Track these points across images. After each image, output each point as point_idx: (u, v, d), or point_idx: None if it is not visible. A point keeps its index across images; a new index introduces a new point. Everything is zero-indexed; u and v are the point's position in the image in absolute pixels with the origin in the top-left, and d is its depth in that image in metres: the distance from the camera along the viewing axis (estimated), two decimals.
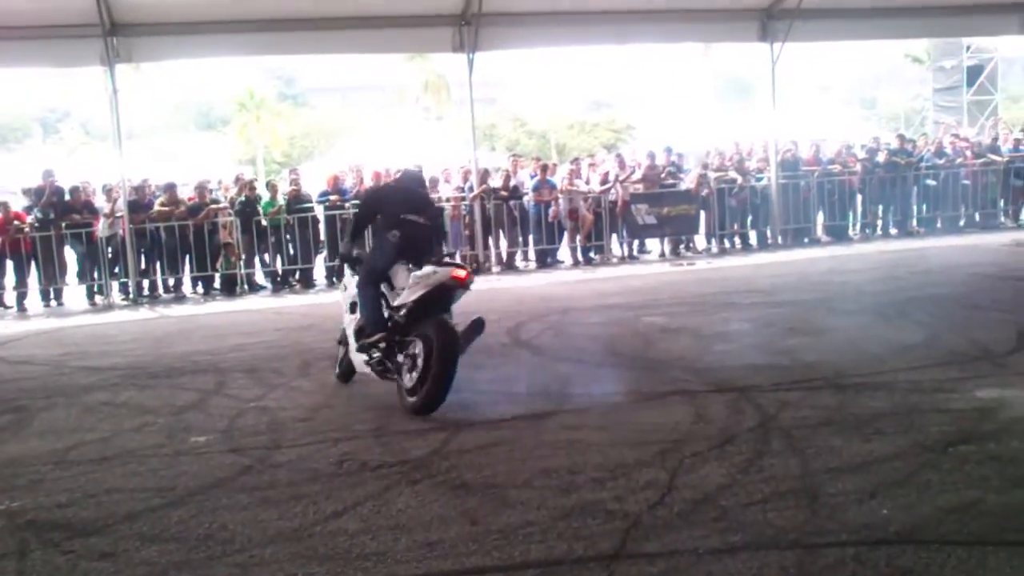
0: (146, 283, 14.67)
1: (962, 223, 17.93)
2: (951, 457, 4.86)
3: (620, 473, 4.85)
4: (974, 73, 28.85)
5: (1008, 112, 29.01)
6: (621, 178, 16.31)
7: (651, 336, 8.86)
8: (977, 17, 17.94)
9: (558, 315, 10.44)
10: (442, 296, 6.47)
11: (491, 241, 15.82)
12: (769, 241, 16.87)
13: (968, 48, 28.05)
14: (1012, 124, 22.07)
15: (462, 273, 6.49)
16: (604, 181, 16.31)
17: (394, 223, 6.82)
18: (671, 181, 16.68)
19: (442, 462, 5.23)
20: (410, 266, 6.65)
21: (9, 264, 14.17)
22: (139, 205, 14.56)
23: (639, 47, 26.15)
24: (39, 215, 14.17)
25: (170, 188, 14.94)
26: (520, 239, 16.05)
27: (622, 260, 16.20)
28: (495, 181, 16.07)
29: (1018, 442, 5.03)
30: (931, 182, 17.59)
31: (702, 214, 16.69)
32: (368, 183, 15.02)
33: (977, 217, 18.08)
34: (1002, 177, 17.95)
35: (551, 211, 15.81)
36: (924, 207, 17.80)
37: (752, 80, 38.46)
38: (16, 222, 14.15)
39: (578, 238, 16.13)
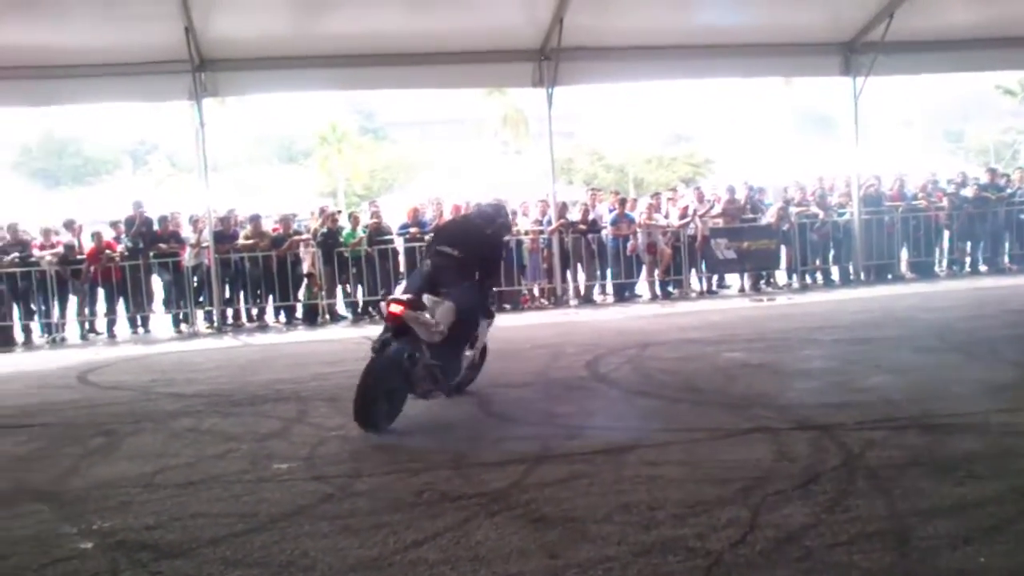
0: (230, 312, 15.02)
1: None
2: None
3: (701, 510, 4.78)
4: None
5: None
6: (700, 212, 16.24)
7: (731, 372, 8.75)
8: None
9: (636, 349, 10.37)
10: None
11: (569, 274, 15.85)
12: (851, 277, 16.59)
13: None
14: None
15: (395, 309, 6.99)
16: (683, 215, 16.24)
17: (429, 254, 7.65)
18: (751, 215, 16.53)
19: (521, 495, 5.22)
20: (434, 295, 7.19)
21: (100, 292, 14.67)
22: (224, 236, 14.93)
23: (719, 81, 26.04)
24: (129, 244, 14.63)
25: (255, 220, 15.32)
26: (598, 272, 16.06)
27: (701, 295, 16.08)
28: (573, 214, 16.13)
29: None
30: None
31: (783, 249, 16.49)
32: (448, 216, 15.19)
33: None
34: None
35: (629, 245, 15.79)
36: (1017, 243, 17.28)
37: (833, 113, 38.03)
38: (107, 251, 14.63)
39: (656, 272, 16.07)
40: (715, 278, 16.59)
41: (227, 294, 14.99)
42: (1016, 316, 11.43)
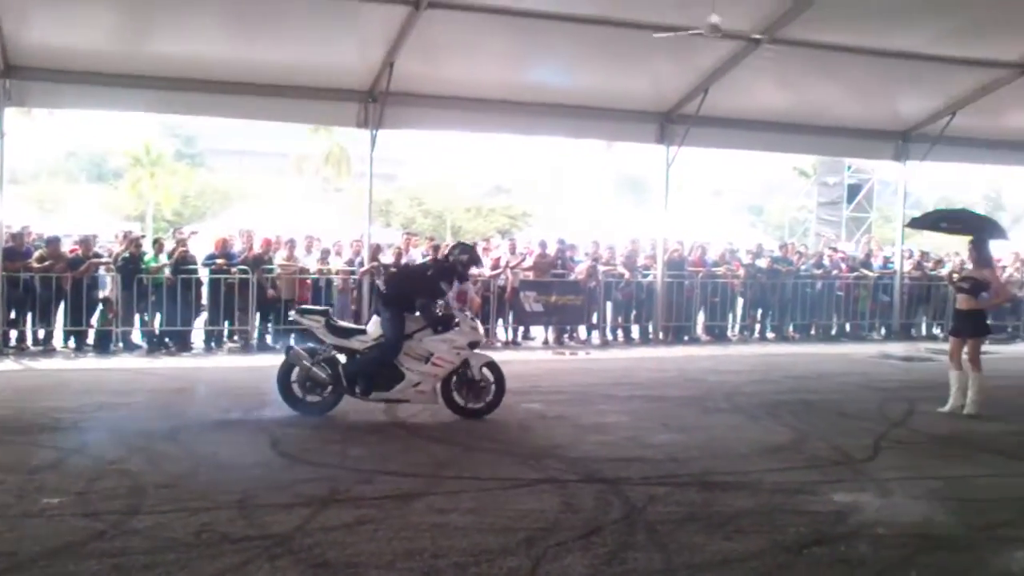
0: (14, 334, 14.09)
1: (834, 332, 18.66)
2: (805, 558, 5.02)
3: (484, 559, 4.84)
4: (854, 191, 30.43)
5: (881, 230, 30.50)
6: (512, 264, 16.51)
7: (529, 423, 8.92)
8: (858, 141, 18.90)
9: None
10: None
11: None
12: (651, 336, 17.21)
13: (849, 168, 29.57)
14: (883, 242, 23.21)
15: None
16: (495, 266, 16.47)
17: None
18: (560, 271, 16.95)
19: (305, 538, 5.13)
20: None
21: None
22: (15, 252, 14.05)
23: (543, 139, 26.71)
24: None
25: (52, 242, 14.47)
26: None
27: (506, 345, 16.27)
28: (386, 257, 16.08)
29: (865, 546, 5.22)
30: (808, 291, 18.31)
31: (588, 305, 16.94)
32: (257, 249, 14.90)
33: (848, 327, 18.83)
34: (871, 291, 18.84)
35: None
36: (800, 314, 18.44)
37: (648, 179, 39.67)
38: None
39: None
40: (521, 329, 16.86)
41: (12, 314, 14.07)
42: (796, 382, 12.12)
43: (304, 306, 10.74)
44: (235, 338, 14.88)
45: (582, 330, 17.25)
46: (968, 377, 9.80)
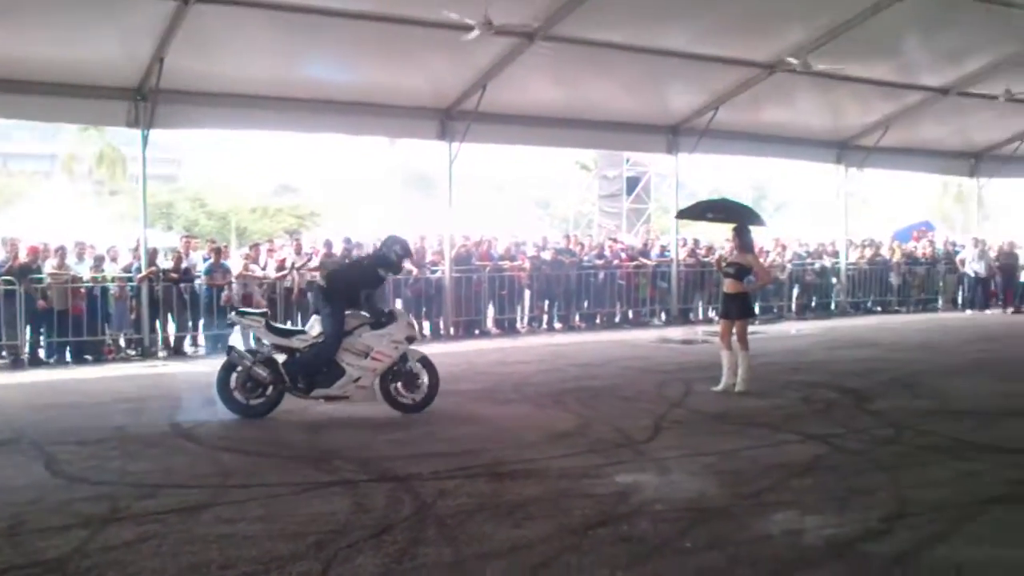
0: None
1: (617, 319, 19.42)
2: (591, 539, 5.22)
3: (274, 566, 4.78)
4: (633, 183, 31.67)
5: (660, 221, 31.91)
6: (298, 265, 16.24)
7: (319, 425, 8.82)
8: (632, 135, 19.78)
9: None
10: None
11: (159, 324, 15.09)
12: (441, 332, 17.36)
13: (628, 161, 30.77)
14: (661, 232, 24.36)
15: None
16: (281, 267, 16.16)
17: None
18: None
19: (83, 561, 4.91)
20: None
21: None
22: None
23: (326, 136, 26.36)
24: None
25: None
26: (190, 323, 15.48)
27: None
28: (165, 262, 15.46)
29: (646, 523, 5.49)
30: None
31: None
32: (23, 258, 14.00)
33: (630, 314, 19.65)
34: (650, 279, 19.75)
35: (224, 295, 15.38)
36: (586, 303, 19.07)
37: (434, 175, 39.87)
38: None
39: None
40: None
41: None
42: (581, 370, 12.55)
43: (243, 308, 11.53)
44: (3, 354, 13.92)
45: None
46: (737, 356, 10.45)
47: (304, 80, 15.30)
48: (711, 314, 19.91)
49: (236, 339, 11.41)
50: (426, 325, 17.49)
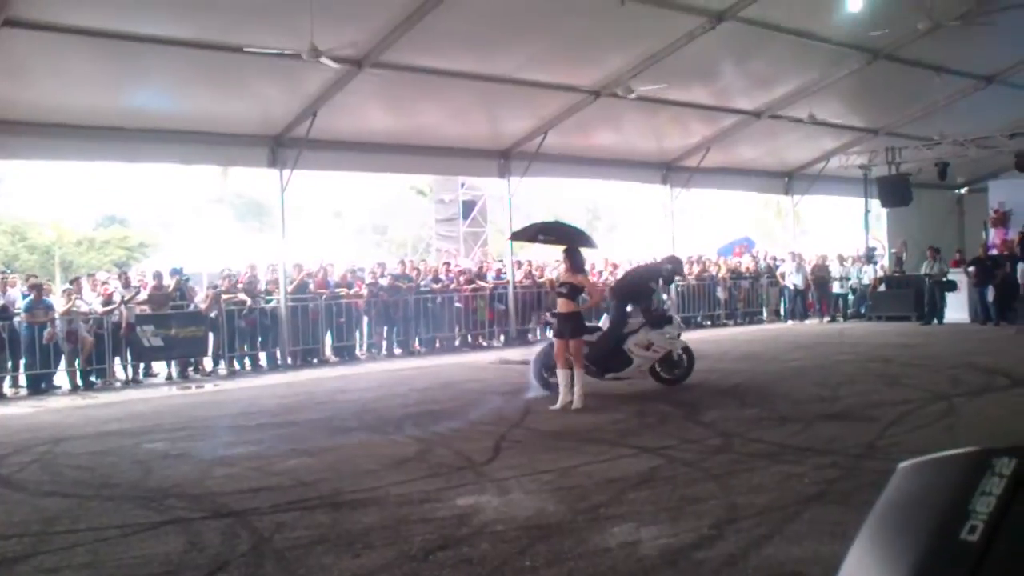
0: None
1: (457, 343, 19.53)
2: (431, 564, 5.21)
3: None
4: (468, 207, 31.89)
5: (496, 243, 32.25)
6: (126, 298, 15.64)
7: (150, 463, 8.49)
8: (465, 160, 20.07)
9: (48, 445, 9.62)
10: None
11: None
12: (279, 362, 17.04)
13: (463, 185, 30.99)
14: (498, 255, 24.66)
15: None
16: (107, 301, 15.52)
17: None
18: (180, 302, 16.31)
19: None
20: None
21: None
22: None
23: (153, 166, 25.42)
24: None
25: None
26: (9, 363, 14.66)
27: (126, 384, 15.41)
28: None
29: (487, 544, 5.53)
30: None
31: (211, 336, 16.45)
32: None
33: (469, 337, 19.78)
34: (488, 301, 19.96)
35: (46, 333, 14.65)
36: (424, 328, 19.08)
37: (268, 203, 39.10)
38: None
39: (77, 362, 15.09)
40: (142, 366, 16.01)
41: None
42: (421, 394, 12.55)
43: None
44: None
45: (208, 361, 16.71)
46: (573, 374, 10.68)
47: (128, 109, 14.85)
48: (548, 334, 20.21)
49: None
50: (262, 356, 17.15)
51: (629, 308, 11.82)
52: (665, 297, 23.46)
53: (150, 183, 44.73)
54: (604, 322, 12.02)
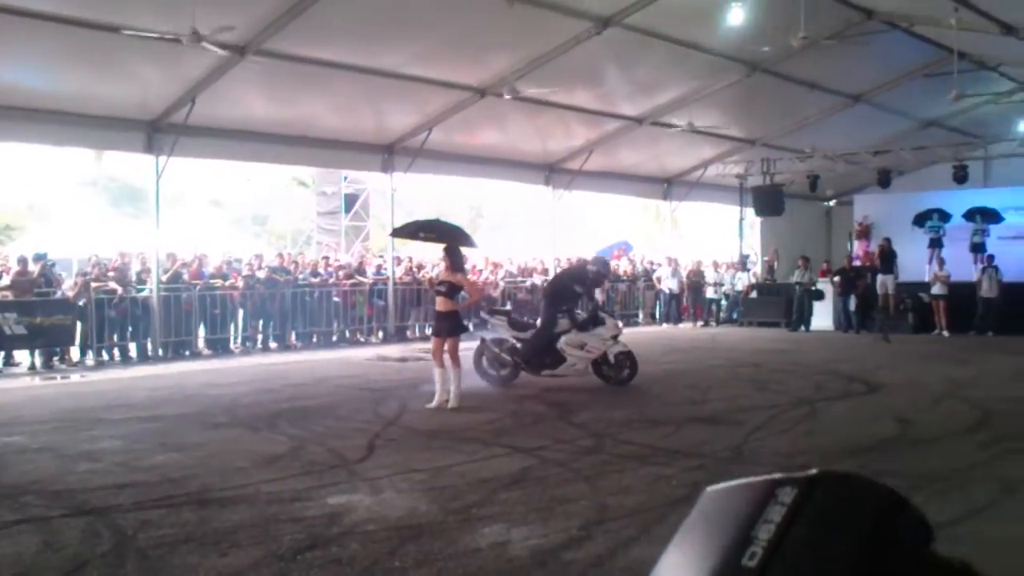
0: None
1: (335, 338, 19.34)
2: (300, 564, 5.16)
3: None
4: (351, 200, 31.57)
5: (378, 238, 32.03)
6: None
7: (7, 458, 8.15)
8: (348, 153, 19.83)
9: None
10: None
11: None
12: (149, 354, 16.56)
13: (345, 178, 30.65)
14: (379, 250, 24.52)
15: None
16: None
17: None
18: (46, 289, 15.69)
19: None
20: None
21: None
22: None
23: (22, 146, 24.28)
24: None
25: None
26: None
27: None
28: None
29: (357, 544, 5.50)
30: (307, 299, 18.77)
31: (79, 325, 15.88)
32: None
33: (347, 333, 19.61)
34: (367, 297, 19.83)
35: None
36: (302, 322, 18.83)
37: (146, 189, 37.90)
38: None
39: None
40: (2, 355, 15.33)
41: None
42: (295, 390, 12.37)
43: (493, 307, 15.51)
44: None
45: (74, 351, 16.12)
46: (450, 373, 10.70)
47: None
48: (427, 331, 20.22)
49: (485, 332, 13.16)
50: (132, 347, 16.64)
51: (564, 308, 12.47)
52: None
53: (17, 163, 42.84)
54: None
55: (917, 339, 19.95)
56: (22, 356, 15.68)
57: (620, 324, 13.02)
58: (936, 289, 21.12)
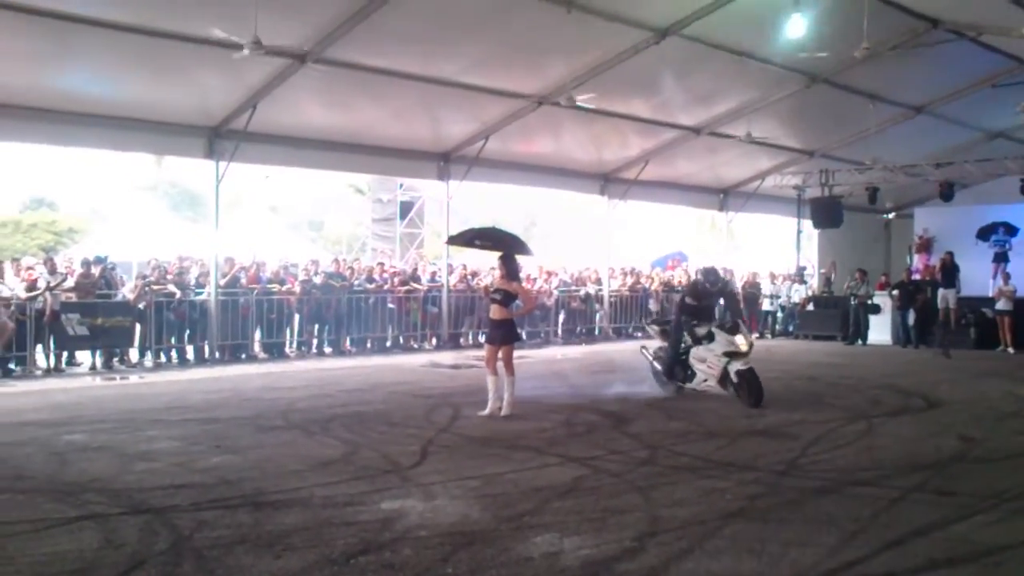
0: None
1: (389, 344, 19.43)
2: (352, 568, 5.18)
3: None
4: (406, 208, 31.75)
5: (433, 246, 32.19)
6: (51, 285, 15.25)
7: (68, 456, 8.30)
8: (404, 161, 19.95)
9: None
10: None
11: None
12: (206, 357, 16.78)
13: (401, 185, 30.84)
14: (434, 257, 24.62)
15: None
16: (32, 287, 15.12)
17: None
18: (107, 291, 15.98)
19: None
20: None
21: None
22: None
23: (86, 151, 24.83)
24: None
25: None
26: None
27: (47, 373, 15.03)
28: None
29: (409, 549, 5.51)
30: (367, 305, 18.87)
31: (138, 327, 16.14)
32: None
33: (401, 339, 19.70)
34: (421, 304, 19.91)
35: None
36: (356, 328, 18.95)
37: (203, 194, 38.44)
38: None
39: None
40: (65, 355, 15.64)
41: None
42: (349, 395, 12.46)
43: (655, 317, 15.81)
44: None
45: (133, 353, 16.39)
46: (503, 381, 10.68)
47: (60, 90, 14.52)
48: (480, 339, 20.25)
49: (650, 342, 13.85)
50: (189, 349, 16.88)
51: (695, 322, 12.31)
52: (598, 307, 23.74)
53: (82, 167, 43.75)
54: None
55: (979, 355, 19.51)
56: (84, 356, 15.98)
57: (741, 339, 11.86)
58: (1001, 304, 20.64)
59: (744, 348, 11.79)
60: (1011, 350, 20.12)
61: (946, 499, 6.91)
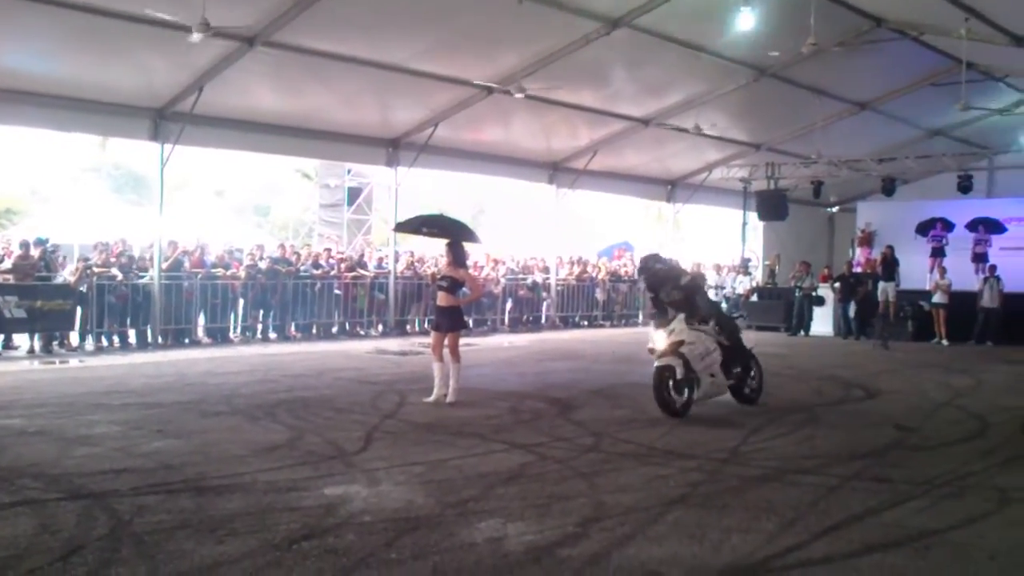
0: None
1: (335, 330, 19.33)
2: (295, 553, 5.15)
3: None
4: (354, 194, 31.58)
5: (380, 232, 32.04)
6: None
7: (4, 440, 8.13)
8: (353, 146, 19.87)
9: None
10: None
11: None
12: (149, 341, 16.56)
13: (349, 171, 30.65)
14: (381, 244, 24.51)
15: None
16: None
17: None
18: (46, 273, 15.68)
19: None
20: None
21: None
22: None
23: (26, 130, 24.24)
24: None
25: None
26: None
27: None
28: None
29: (353, 535, 5.50)
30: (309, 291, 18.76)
31: (79, 310, 15.87)
32: None
33: (347, 325, 19.61)
34: (368, 290, 19.83)
35: None
36: (302, 313, 18.82)
37: (149, 177, 37.78)
38: None
39: None
40: (1, 338, 15.32)
41: None
42: (295, 381, 12.38)
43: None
44: None
45: (74, 336, 16.11)
46: (449, 368, 10.69)
47: None
48: (427, 326, 20.23)
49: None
50: (132, 333, 16.63)
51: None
52: (545, 295, 23.81)
53: (20, 147, 42.78)
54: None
55: (916, 347, 19.94)
56: (22, 340, 15.67)
57: (674, 331, 10.33)
58: (937, 298, 21.11)
59: (659, 348, 10.30)
60: (946, 342, 20.59)
61: (882, 486, 7.06)
